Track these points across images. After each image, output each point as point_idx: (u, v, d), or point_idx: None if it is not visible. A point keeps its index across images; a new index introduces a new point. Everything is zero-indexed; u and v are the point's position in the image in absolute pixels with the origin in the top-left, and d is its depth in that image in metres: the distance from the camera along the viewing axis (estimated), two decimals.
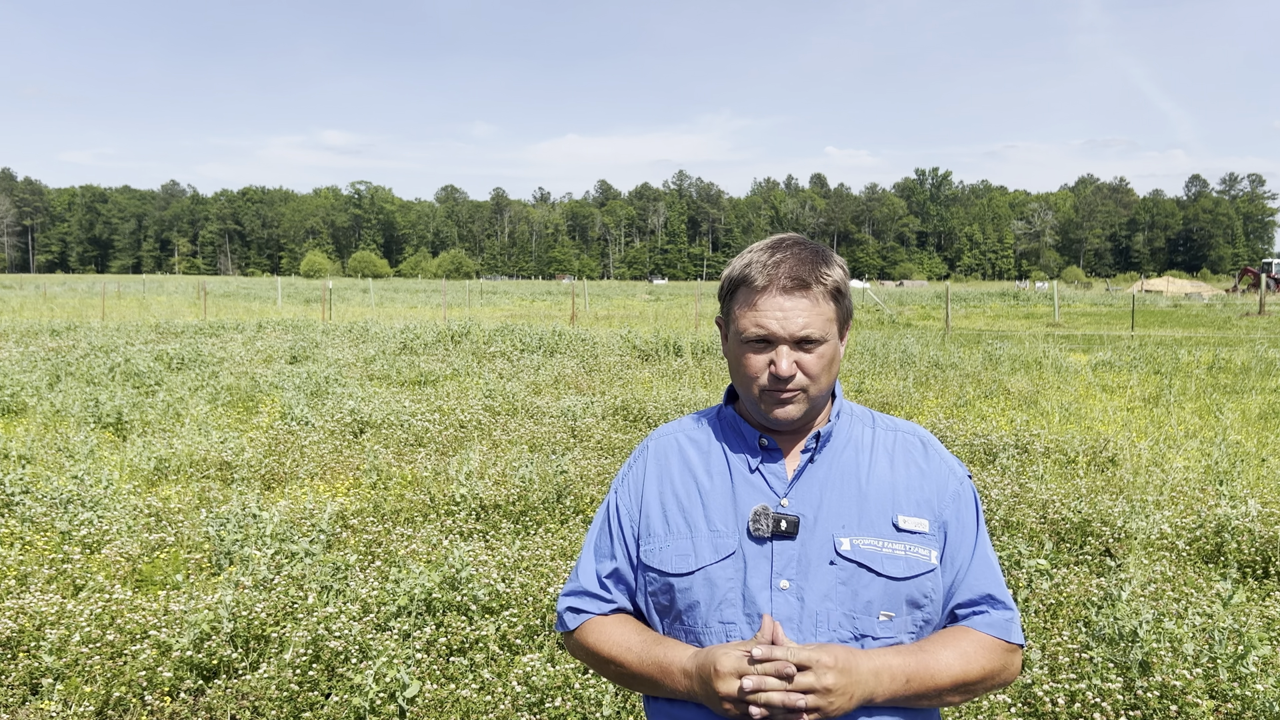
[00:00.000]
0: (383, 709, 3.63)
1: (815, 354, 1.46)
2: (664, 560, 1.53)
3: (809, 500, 1.48)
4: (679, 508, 1.55)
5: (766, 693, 1.31)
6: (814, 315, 1.45)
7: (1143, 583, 4.92)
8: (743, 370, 1.50)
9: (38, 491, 6.51)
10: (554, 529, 6.13)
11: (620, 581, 1.59)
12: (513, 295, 59.18)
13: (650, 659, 1.48)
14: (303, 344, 18.28)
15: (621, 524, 1.60)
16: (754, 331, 1.46)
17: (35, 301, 40.13)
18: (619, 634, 1.55)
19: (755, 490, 1.50)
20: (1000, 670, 1.51)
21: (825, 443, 1.53)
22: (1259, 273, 61.68)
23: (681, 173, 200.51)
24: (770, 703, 1.31)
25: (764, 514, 1.46)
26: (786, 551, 1.45)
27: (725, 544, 1.49)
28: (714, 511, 1.52)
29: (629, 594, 1.60)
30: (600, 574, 1.60)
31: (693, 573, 1.49)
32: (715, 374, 14.62)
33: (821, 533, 1.46)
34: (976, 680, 1.47)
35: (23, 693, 3.89)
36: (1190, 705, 3.51)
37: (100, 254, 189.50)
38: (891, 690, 1.39)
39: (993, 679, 1.50)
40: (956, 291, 61.18)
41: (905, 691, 1.41)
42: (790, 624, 1.43)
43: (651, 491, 1.59)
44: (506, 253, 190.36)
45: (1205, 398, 12.24)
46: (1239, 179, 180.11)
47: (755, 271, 1.47)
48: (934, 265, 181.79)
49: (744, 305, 1.48)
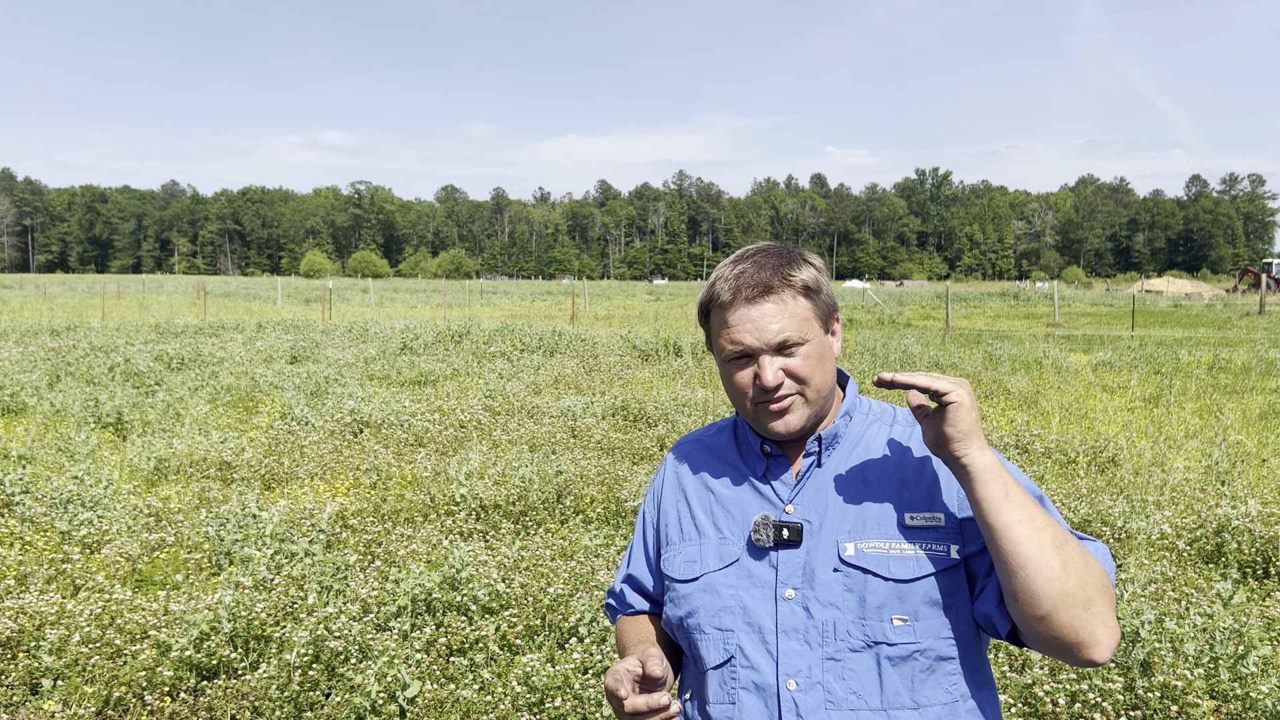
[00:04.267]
0: (383, 709, 3.63)
1: (800, 356, 1.42)
2: (674, 566, 1.54)
3: (813, 506, 1.45)
4: (691, 515, 1.56)
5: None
6: (786, 318, 1.41)
7: (1143, 583, 4.92)
8: (733, 389, 1.47)
9: (38, 491, 6.50)
10: (554, 529, 6.13)
11: (638, 588, 1.68)
12: (513, 295, 59.17)
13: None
14: (303, 344, 18.27)
15: (645, 532, 1.67)
16: (731, 349, 1.44)
17: (35, 301, 40.13)
18: (625, 634, 1.64)
19: (762, 498, 1.49)
20: (1095, 597, 1.25)
21: (830, 445, 1.49)
22: (1259, 273, 61.63)
23: (681, 173, 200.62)
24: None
25: (764, 523, 1.43)
26: (792, 560, 1.42)
27: (730, 551, 1.47)
28: (722, 519, 1.51)
29: (650, 599, 1.68)
30: (622, 580, 1.71)
31: (696, 579, 1.49)
32: (715, 374, 14.62)
33: (827, 539, 1.42)
34: (1070, 574, 1.24)
35: (23, 693, 3.89)
36: (1191, 705, 3.50)
37: (100, 254, 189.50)
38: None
39: (1089, 603, 1.24)
40: (957, 291, 61.18)
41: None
42: (797, 634, 1.40)
43: (669, 499, 1.62)
44: (506, 253, 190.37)
45: (1205, 398, 12.23)
46: (1239, 179, 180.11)
47: (721, 288, 1.45)
48: (934, 265, 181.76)
49: (718, 324, 1.46)
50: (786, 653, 1.40)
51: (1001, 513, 1.27)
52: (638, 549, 1.68)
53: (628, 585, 1.69)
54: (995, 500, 1.27)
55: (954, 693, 1.39)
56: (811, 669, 1.38)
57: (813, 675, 1.38)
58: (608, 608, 1.75)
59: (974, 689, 1.42)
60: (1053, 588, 1.24)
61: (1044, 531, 1.26)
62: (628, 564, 1.70)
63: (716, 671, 1.45)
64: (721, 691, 1.44)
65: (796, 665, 1.39)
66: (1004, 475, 1.29)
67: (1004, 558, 1.27)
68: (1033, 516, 1.27)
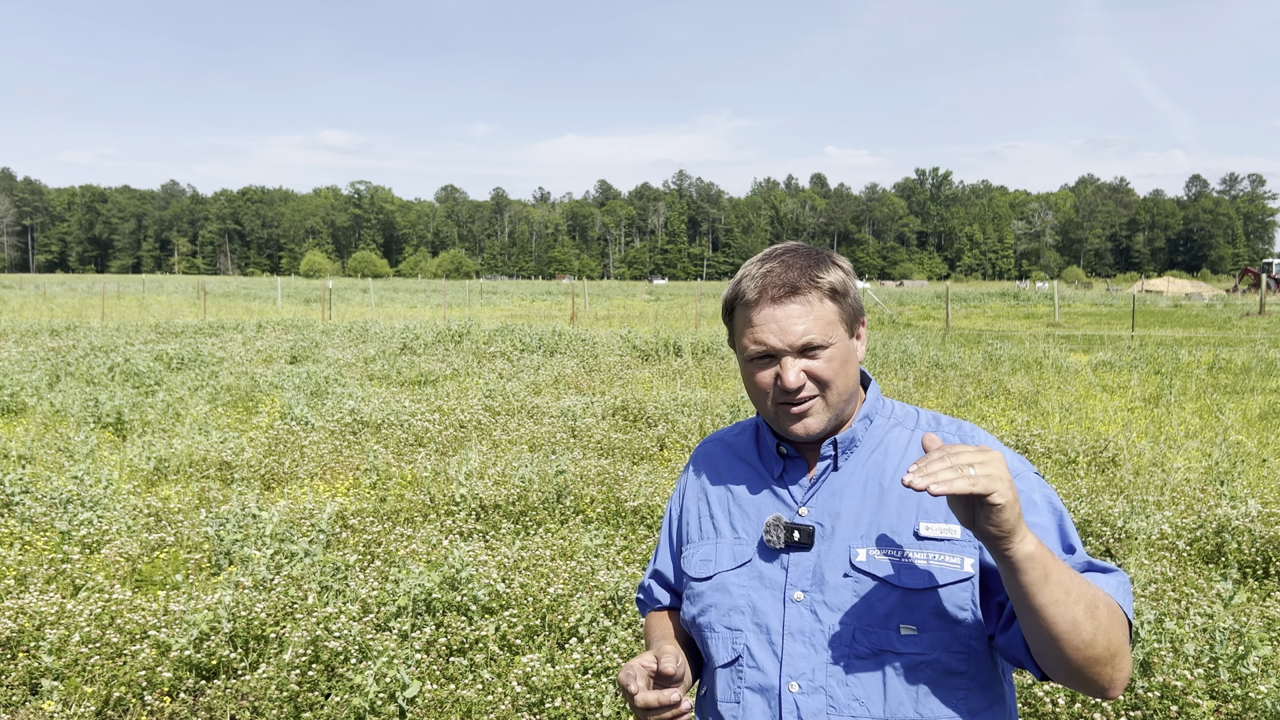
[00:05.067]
0: (383, 709, 3.63)
1: (823, 359, 1.40)
2: (691, 564, 1.55)
3: (827, 509, 1.44)
4: (710, 514, 1.57)
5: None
6: (811, 320, 1.40)
7: (1143, 583, 4.92)
8: (754, 388, 1.46)
9: (38, 491, 6.50)
10: (554, 529, 6.13)
11: (664, 584, 1.70)
12: (513, 295, 59.17)
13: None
14: (303, 344, 18.27)
15: (670, 530, 1.69)
16: (754, 349, 1.42)
17: (35, 301, 40.13)
18: (651, 629, 1.67)
19: (778, 500, 1.49)
20: (1119, 652, 1.25)
21: (848, 449, 1.48)
22: (1259, 273, 61.64)
23: (681, 173, 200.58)
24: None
25: (776, 524, 1.43)
26: (802, 563, 1.42)
27: (743, 551, 1.48)
28: (739, 519, 1.52)
29: (675, 594, 1.70)
30: (649, 575, 1.74)
31: (710, 578, 1.50)
32: (715, 374, 14.62)
33: (839, 543, 1.41)
34: (1099, 641, 1.23)
35: (23, 693, 3.89)
36: (1191, 705, 3.50)
37: (100, 254, 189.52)
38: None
39: (1111, 659, 1.25)
40: (956, 291, 61.17)
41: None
42: (804, 637, 1.39)
43: (691, 498, 1.63)
44: (506, 253, 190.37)
45: (1205, 398, 12.23)
46: (1239, 179, 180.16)
47: (747, 286, 1.44)
48: (934, 265, 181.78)
49: (742, 322, 1.45)
50: (791, 655, 1.39)
51: (1039, 596, 1.22)
52: (664, 545, 1.70)
53: (654, 581, 1.71)
54: (1035, 586, 1.21)
55: (961, 707, 1.36)
56: (815, 672, 1.37)
57: (816, 679, 1.37)
58: (638, 602, 1.77)
59: (983, 704, 1.38)
60: (1080, 655, 1.23)
61: (1078, 604, 1.22)
62: (655, 560, 1.72)
63: (725, 670, 1.46)
64: (729, 690, 1.45)
65: (800, 668, 1.38)
66: (1044, 558, 1.21)
67: (1035, 631, 1.25)
68: (1069, 591, 1.22)
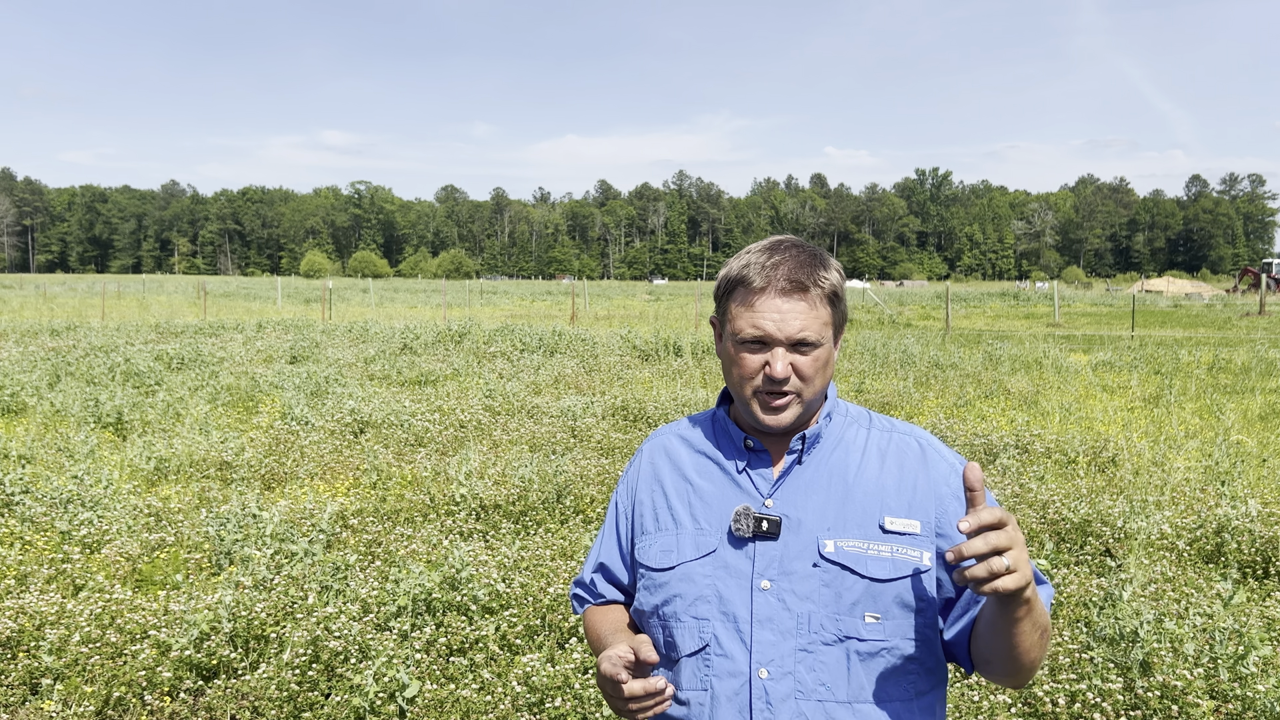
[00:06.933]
0: (383, 709, 3.63)
1: (810, 357, 1.46)
2: (649, 555, 1.57)
3: (793, 502, 1.49)
4: (668, 505, 1.58)
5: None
6: (810, 319, 1.45)
7: (1143, 583, 4.92)
8: (737, 371, 1.50)
9: (38, 491, 6.51)
10: (554, 529, 6.13)
11: (610, 578, 1.69)
12: (513, 295, 59.18)
13: (599, 647, 1.59)
14: (303, 344, 18.27)
15: (618, 523, 1.69)
16: (750, 332, 1.46)
17: (35, 301, 40.13)
18: (599, 623, 1.66)
19: (741, 492, 1.52)
20: (1043, 658, 1.45)
21: (812, 445, 1.53)
22: (1259, 273, 61.66)
23: (681, 173, 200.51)
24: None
25: (745, 514, 1.47)
26: (769, 552, 1.46)
27: (707, 542, 1.51)
28: (700, 510, 1.54)
29: (621, 589, 1.69)
30: (593, 569, 1.71)
31: (672, 568, 1.52)
32: (715, 374, 14.62)
33: (805, 535, 1.46)
34: (1041, 656, 1.40)
35: (23, 693, 3.89)
36: (1191, 705, 3.51)
37: (100, 254, 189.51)
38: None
39: (1038, 665, 1.44)
40: (956, 291, 61.18)
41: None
42: (772, 625, 1.44)
43: (644, 490, 1.64)
44: (506, 253, 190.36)
45: (1206, 398, 12.23)
46: (1239, 179, 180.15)
47: (753, 272, 1.48)
48: (934, 265, 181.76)
49: (741, 305, 1.48)
50: (760, 642, 1.44)
51: (1018, 627, 1.33)
52: (609, 539, 1.69)
53: (599, 575, 1.70)
54: (1020, 622, 1.32)
55: (911, 690, 1.46)
56: (784, 659, 1.43)
57: (785, 665, 1.42)
58: (575, 598, 1.75)
59: (928, 686, 1.49)
60: (1025, 666, 1.39)
61: (1037, 630, 1.35)
62: (598, 553, 1.71)
63: (691, 659, 1.49)
64: (695, 679, 1.48)
65: (770, 654, 1.43)
66: (1033, 596, 1.30)
67: (997, 648, 1.37)
68: (1035, 623, 1.34)
